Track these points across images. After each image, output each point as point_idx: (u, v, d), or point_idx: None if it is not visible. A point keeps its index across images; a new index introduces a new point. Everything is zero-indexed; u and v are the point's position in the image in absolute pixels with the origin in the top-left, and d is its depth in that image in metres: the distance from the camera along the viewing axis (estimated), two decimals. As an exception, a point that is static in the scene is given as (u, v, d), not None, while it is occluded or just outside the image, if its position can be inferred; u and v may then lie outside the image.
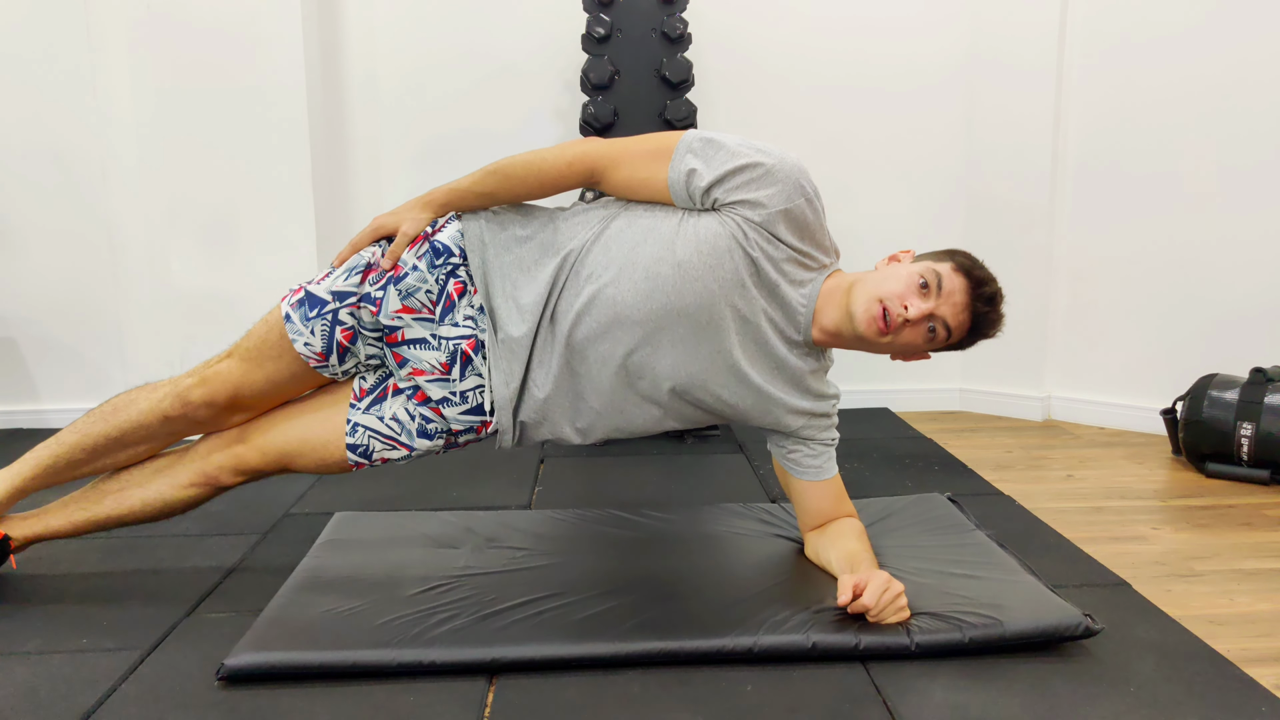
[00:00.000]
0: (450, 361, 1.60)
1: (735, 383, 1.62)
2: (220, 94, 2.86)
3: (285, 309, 1.63)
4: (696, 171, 1.55)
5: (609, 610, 1.59)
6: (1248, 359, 2.72)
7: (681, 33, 2.81)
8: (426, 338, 1.60)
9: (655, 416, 1.65)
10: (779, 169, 1.55)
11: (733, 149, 1.56)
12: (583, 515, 2.07)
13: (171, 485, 1.72)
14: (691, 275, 1.54)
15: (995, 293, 1.59)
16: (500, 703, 1.38)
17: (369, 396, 1.66)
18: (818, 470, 1.74)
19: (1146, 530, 2.13)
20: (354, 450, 1.66)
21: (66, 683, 1.44)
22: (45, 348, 3.08)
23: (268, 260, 2.94)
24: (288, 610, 1.61)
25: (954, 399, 3.35)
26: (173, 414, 1.65)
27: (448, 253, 1.61)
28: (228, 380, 1.65)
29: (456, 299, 1.60)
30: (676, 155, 1.57)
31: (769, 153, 1.57)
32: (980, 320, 1.59)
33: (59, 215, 3.01)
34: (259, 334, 1.66)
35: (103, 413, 1.70)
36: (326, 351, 1.62)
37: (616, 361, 1.58)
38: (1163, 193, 2.90)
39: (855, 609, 1.51)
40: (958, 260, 1.60)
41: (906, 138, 3.21)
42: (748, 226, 1.55)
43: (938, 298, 1.56)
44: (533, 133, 3.18)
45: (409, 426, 1.65)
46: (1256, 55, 2.71)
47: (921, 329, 1.57)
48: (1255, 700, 1.37)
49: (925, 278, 1.56)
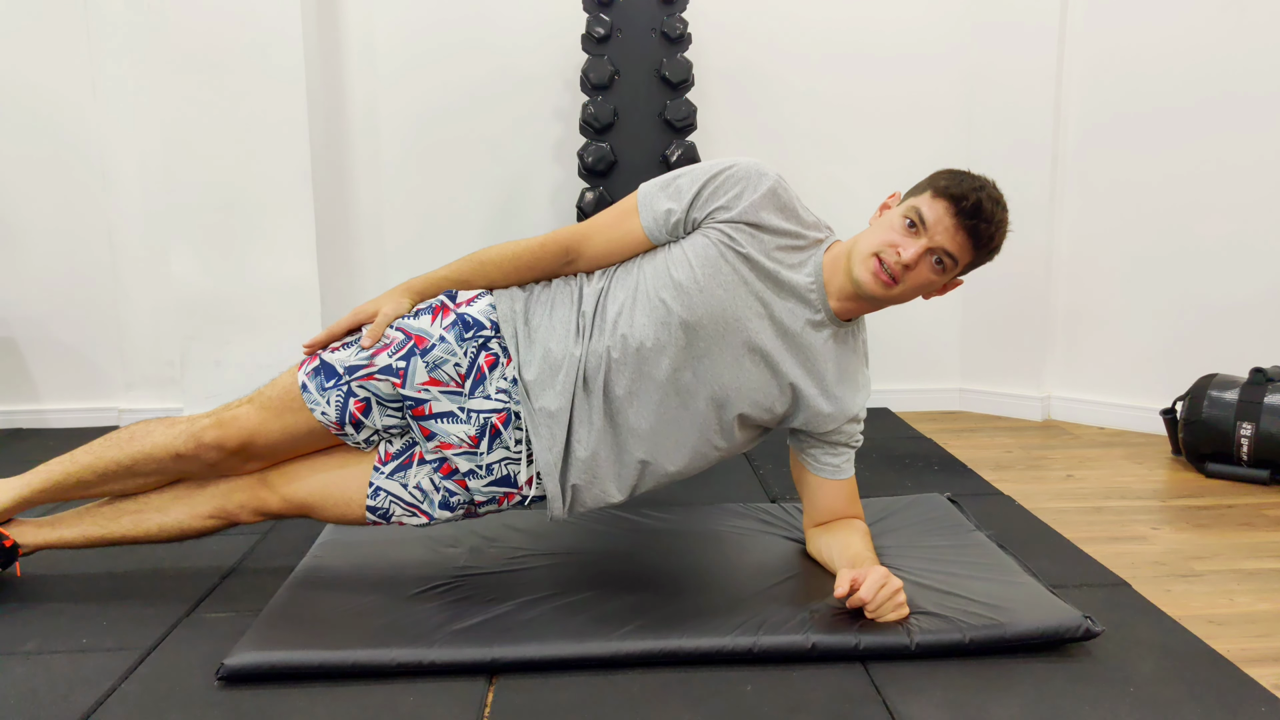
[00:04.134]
0: (479, 435, 1.59)
1: (770, 379, 1.62)
2: (220, 93, 2.86)
3: (301, 378, 1.62)
4: (670, 209, 1.61)
5: (609, 610, 1.59)
6: (1248, 359, 2.73)
7: (681, 33, 2.81)
8: (454, 411, 1.59)
9: (700, 448, 1.64)
10: (737, 167, 1.60)
11: (690, 174, 1.62)
12: (583, 515, 2.07)
13: (190, 514, 1.72)
14: (694, 289, 1.56)
15: (979, 201, 1.52)
16: (500, 703, 1.38)
17: (394, 461, 1.65)
18: (835, 469, 1.74)
19: (1146, 530, 2.13)
20: (374, 511, 1.66)
21: (66, 683, 1.44)
22: (45, 348, 3.08)
23: (268, 260, 2.94)
24: (288, 610, 1.61)
25: (954, 399, 3.36)
26: (184, 452, 1.64)
27: (478, 326, 1.61)
28: (244, 426, 1.63)
29: (487, 371, 1.59)
30: (643, 205, 1.63)
31: (722, 160, 1.62)
32: (975, 232, 1.53)
33: (59, 215, 3.01)
34: (282, 385, 1.65)
35: (119, 439, 1.70)
36: (341, 422, 1.62)
37: (654, 401, 1.58)
38: (1163, 192, 2.90)
39: (852, 603, 1.51)
40: (936, 185, 1.55)
41: (907, 145, 3.21)
42: (729, 229, 1.58)
43: (926, 232, 1.54)
44: (533, 133, 3.18)
45: (432, 497, 1.65)
46: (1257, 56, 2.71)
47: (927, 265, 1.56)
48: (1255, 700, 1.37)
49: (909, 216, 1.55)
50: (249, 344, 2.96)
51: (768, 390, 1.62)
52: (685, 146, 2.84)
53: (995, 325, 3.22)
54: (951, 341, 3.32)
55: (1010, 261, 3.12)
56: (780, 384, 1.63)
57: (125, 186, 3.02)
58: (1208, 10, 2.77)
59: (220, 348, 2.97)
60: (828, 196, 3.24)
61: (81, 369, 3.10)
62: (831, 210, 3.24)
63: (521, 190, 3.23)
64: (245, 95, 2.86)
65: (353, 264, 3.22)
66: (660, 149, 2.86)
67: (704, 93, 3.11)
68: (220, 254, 2.94)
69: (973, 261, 1.59)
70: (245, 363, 2.96)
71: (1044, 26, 2.99)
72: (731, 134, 3.19)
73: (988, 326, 3.23)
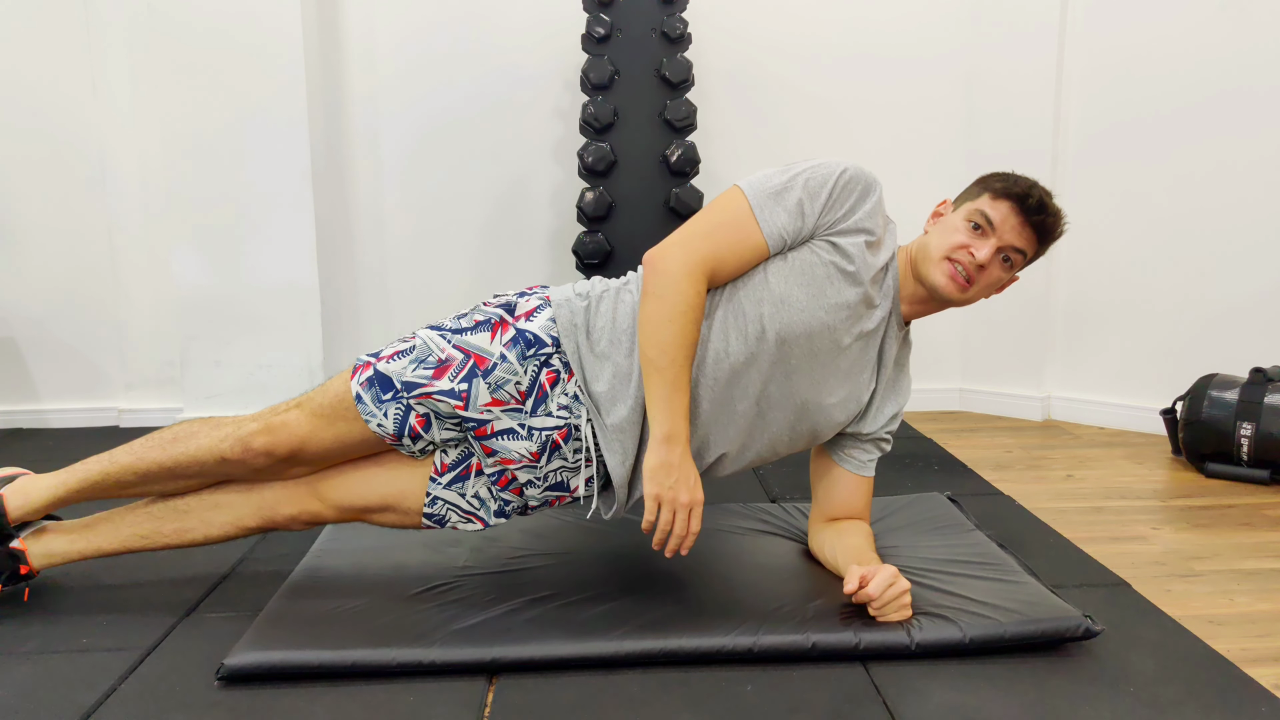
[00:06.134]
0: (540, 451, 1.58)
1: (851, 393, 1.63)
2: (220, 93, 2.86)
3: (355, 389, 1.58)
4: (792, 225, 1.54)
5: (609, 610, 1.59)
6: (1248, 359, 2.73)
7: (681, 33, 2.81)
8: (515, 428, 1.57)
9: (763, 454, 1.65)
10: (849, 173, 1.55)
11: (803, 183, 1.54)
12: (583, 515, 2.07)
13: (235, 525, 1.68)
14: (795, 307, 1.54)
15: (1041, 196, 1.57)
16: (500, 703, 1.38)
17: (451, 473, 1.64)
18: (860, 465, 1.75)
19: (1146, 530, 2.13)
20: (430, 518, 1.66)
21: (66, 683, 1.44)
22: (45, 348, 3.08)
23: (268, 260, 2.94)
24: (287, 610, 1.61)
25: (954, 399, 3.36)
26: (231, 457, 1.60)
27: (539, 343, 1.57)
28: (295, 433, 1.59)
29: (549, 389, 1.57)
30: (763, 221, 1.53)
31: (830, 164, 1.56)
32: (1042, 227, 1.58)
33: (59, 215, 3.01)
34: (334, 392, 1.60)
35: (161, 440, 1.65)
36: (399, 434, 1.59)
37: (736, 413, 1.58)
38: (1163, 193, 2.90)
39: (859, 599, 1.51)
40: (993, 188, 1.59)
41: (907, 141, 3.21)
42: (839, 240, 1.55)
43: (994, 231, 1.57)
44: (533, 133, 3.18)
45: (489, 505, 1.65)
46: (1257, 56, 2.71)
47: (997, 264, 1.59)
48: (1255, 700, 1.37)
49: (973, 220, 1.57)
50: (249, 344, 2.97)
51: (847, 405, 1.64)
52: (685, 146, 2.84)
53: (995, 325, 3.22)
54: (952, 341, 3.32)
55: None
56: (859, 397, 1.65)
57: (125, 186, 3.02)
58: (1208, 11, 2.77)
59: (220, 348, 2.97)
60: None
61: (81, 369, 3.10)
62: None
63: (521, 190, 3.23)
64: (245, 95, 2.86)
65: (353, 264, 3.22)
66: (660, 149, 2.86)
67: (704, 93, 3.11)
68: (220, 254, 2.94)
69: (1036, 255, 1.62)
70: (245, 363, 2.96)
71: (1044, 28, 2.99)
72: (731, 134, 3.19)
73: (988, 326, 3.23)
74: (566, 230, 3.23)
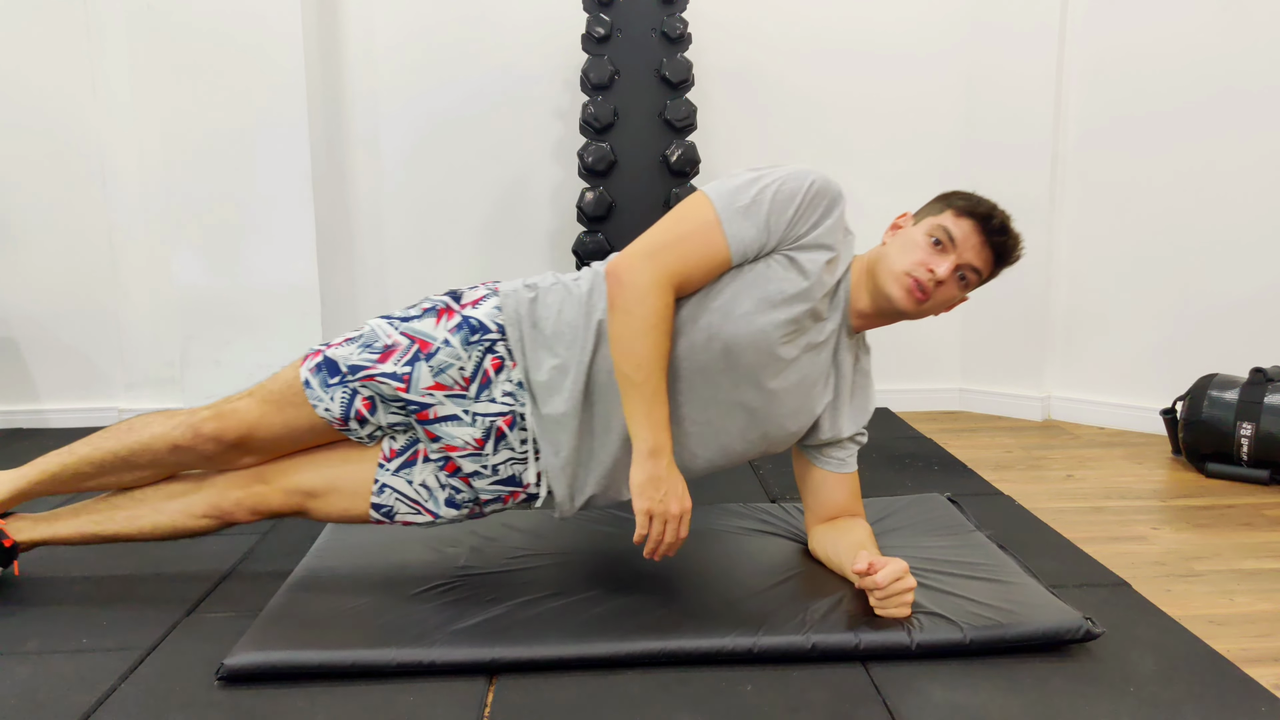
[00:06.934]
0: (485, 438, 1.59)
1: (801, 402, 1.63)
2: (220, 93, 2.86)
3: (304, 374, 1.62)
4: (757, 239, 1.53)
5: (609, 610, 1.59)
6: (1248, 359, 2.73)
7: (681, 33, 2.81)
8: (459, 414, 1.58)
9: (716, 460, 1.66)
10: (816, 184, 1.54)
11: (771, 197, 1.52)
12: (583, 515, 2.07)
13: (185, 514, 1.70)
14: (741, 318, 1.54)
15: (1004, 219, 1.59)
16: (500, 703, 1.38)
17: (399, 458, 1.65)
18: (840, 463, 1.75)
19: (1146, 530, 2.13)
20: (378, 509, 1.66)
21: (66, 683, 1.44)
22: (45, 348, 3.08)
23: (268, 260, 2.94)
24: (288, 610, 1.61)
25: (954, 399, 3.36)
26: (182, 443, 1.64)
27: (484, 329, 1.59)
28: (244, 419, 1.63)
29: (494, 374, 1.59)
30: (731, 236, 1.51)
31: (798, 174, 1.54)
32: (1002, 248, 1.59)
33: (59, 215, 3.01)
34: (284, 379, 1.64)
35: (116, 431, 1.69)
36: (345, 418, 1.62)
37: (695, 413, 1.59)
38: (1163, 192, 2.90)
39: (864, 584, 1.52)
40: (956, 205, 1.59)
41: (906, 140, 3.21)
42: (796, 254, 1.54)
43: (955, 249, 1.57)
44: (533, 133, 3.18)
45: (437, 495, 1.65)
46: (1256, 55, 2.71)
47: (953, 282, 1.59)
48: (1255, 700, 1.37)
49: (934, 235, 1.57)
50: (249, 344, 2.96)
51: (799, 416, 1.65)
52: (685, 146, 2.84)
53: (995, 325, 3.22)
54: (951, 341, 3.32)
55: (1010, 261, 3.15)
56: (812, 408, 1.65)
57: (125, 186, 3.02)
58: (1208, 10, 2.77)
59: (220, 348, 2.97)
60: (828, 196, 3.25)
61: (81, 369, 3.10)
62: (831, 210, 3.25)
63: (521, 190, 3.23)
64: (245, 95, 2.86)
65: (353, 264, 3.22)
66: (660, 149, 2.86)
67: (704, 93, 3.11)
68: (220, 254, 2.94)
69: (990, 277, 1.63)
70: (245, 363, 2.96)
71: (1044, 26, 2.99)
72: (731, 134, 3.19)
73: (988, 326, 3.23)
74: (566, 230, 3.23)
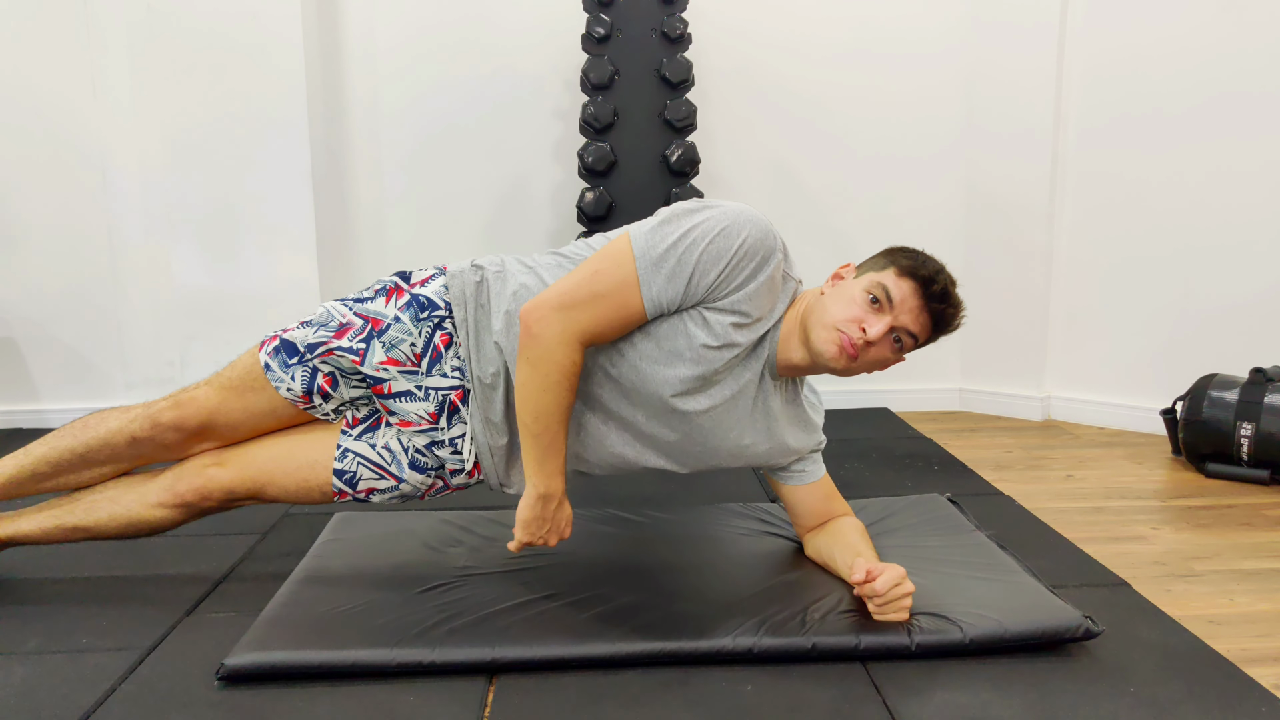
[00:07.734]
0: (439, 411, 1.61)
1: (733, 452, 1.65)
2: (220, 94, 2.86)
3: (264, 358, 1.64)
4: (673, 299, 1.49)
5: (609, 610, 1.59)
6: (1248, 359, 2.73)
7: (681, 33, 2.81)
8: (412, 390, 1.60)
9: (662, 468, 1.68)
10: (747, 243, 1.46)
11: (695, 257, 1.46)
12: (583, 515, 2.07)
13: (141, 502, 1.69)
14: (645, 367, 1.53)
15: (945, 285, 1.51)
16: (500, 703, 1.38)
17: (361, 425, 1.68)
18: (803, 474, 1.75)
19: (1146, 530, 2.13)
20: (340, 476, 1.66)
21: (66, 683, 1.44)
22: (45, 348, 3.08)
23: (268, 260, 2.94)
24: (288, 610, 1.61)
25: (954, 399, 3.36)
26: (140, 435, 1.64)
27: (432, 306, 1.62)
28: (203, 406, 1.64)
29: (443, 350, 1.61)
30: (647, 296, 1.47)
31: (731, 232, 1.46)
32: (939, 317, 1.52)
33: (59, 215, 3.01)
34: (243, 365, 1.66)
35: (73, 428, 1.69)
36: (309, 393, 1.64)
37: (608, 438, 1.63)
38: (1163, 192, 2.90)
39: (864, 592, 1.52)
40: (900, 264, 1.52)
41: (907, 141, 3.21)
42: (711, 315, 1.50)
43: (891, 310, 1.50)
44: (533, 133, 3.18)
45: (400, 458, 1.65)
46: (1257, 57, 2.71)
47: (887, 343, 1.52)
48: (1255, 700, 1.37)
49: (873, 292, 1.50)
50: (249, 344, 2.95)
51: (733, 457, 1.66)
52: (685, 146, 2.84)
53: (995, 325, 3.22)
54: (952, 341, 3.31)
55: (1010, 261, 3.15)
56: (740, 453, 1.65)
57: (125, 186, 3.01)
58: (1208, 10, 2.77)
59: (220, 348, 2.97)
60: (829, 199, 3.25)
61: (81, 369, 3.10)
62: (831, 211, 3.25)
63: (521, 190, 3.23)
64: (245, 95, 2.87)
65: (353, 264, 3.22)
66: (660, 149, 2.86)
67: (704, 93, 3.11)
68: (220, 254, 2.94)
69: (925, 343, 1.56)
70: (245, 363, 2.96)
71: (1044, 26, 2.99)
72: (731, 134, 3.19)
73: (988, 326, 3.23)
74: (566, 230, 3.23)
